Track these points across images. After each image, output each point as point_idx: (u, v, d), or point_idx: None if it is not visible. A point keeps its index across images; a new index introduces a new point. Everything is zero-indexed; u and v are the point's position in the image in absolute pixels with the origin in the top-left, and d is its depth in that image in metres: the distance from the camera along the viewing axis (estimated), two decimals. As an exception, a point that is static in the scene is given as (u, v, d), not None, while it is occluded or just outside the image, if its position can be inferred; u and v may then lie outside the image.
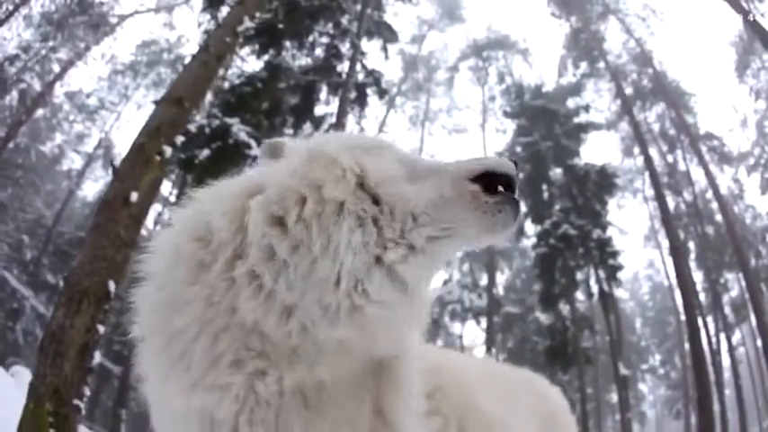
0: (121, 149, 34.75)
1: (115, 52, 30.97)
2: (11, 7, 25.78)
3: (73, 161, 33.53)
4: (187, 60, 30.26)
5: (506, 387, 1.97)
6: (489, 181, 1.38)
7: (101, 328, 7.22)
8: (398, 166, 1.41)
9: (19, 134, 27.00)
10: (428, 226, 1.32)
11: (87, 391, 7.23)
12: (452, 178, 1.37)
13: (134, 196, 7.49)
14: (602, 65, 27.79)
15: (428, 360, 1.63)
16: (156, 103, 8.89)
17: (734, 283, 30.54)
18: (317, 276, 1.23)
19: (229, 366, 1.24)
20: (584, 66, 28.78)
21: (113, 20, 29.50)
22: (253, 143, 13.54)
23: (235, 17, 10.02)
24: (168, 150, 8.15)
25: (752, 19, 19.70)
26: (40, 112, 29.41)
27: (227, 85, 16.03)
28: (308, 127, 17.29)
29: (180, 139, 9.17)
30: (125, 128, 33.19)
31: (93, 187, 35.10)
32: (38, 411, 6.22)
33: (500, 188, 1.39)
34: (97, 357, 7.56)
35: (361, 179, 1.35)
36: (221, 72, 19.68)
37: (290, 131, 17.63)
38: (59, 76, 28.52)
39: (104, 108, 31.93)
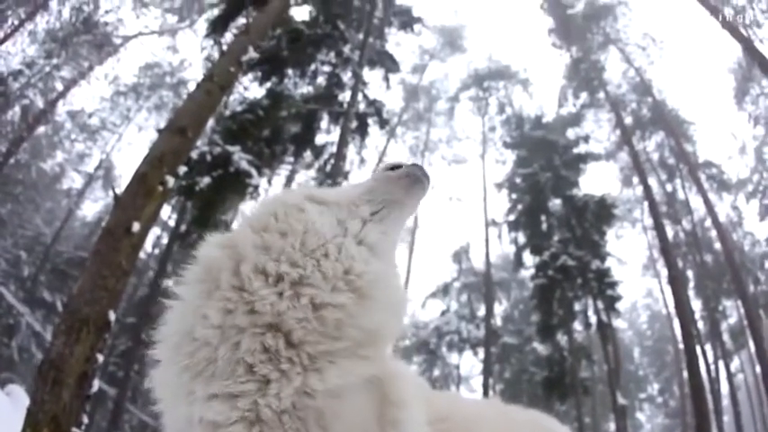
0: (122, 171, 34.85)
1: (118, 73, 31.08)
2: (16, 22, 25.97)
3: (73, 180, 33.55)
4: (190, 85, 30.74)
5: (523, 429, 1.99)
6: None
7: (100, 358, 7.18)
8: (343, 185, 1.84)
9: (20, 150, 27.03)
10: (368, 204, 1.72)
11: (85, 419, 7.13)
12: (376, 173, 1.84)
13: (136, 226, 7.45)
14: (601, 95, 27.93)
15: (436, 408, 1.66)
16: (159, 131, 8.74)
17: (732, 311, 30.52)
18: (309, 247, 1.52)
19: (245, 373, 1.36)
20: (584, 96, 28.91)
21: (117, 40, 29.65)
22: (254, 172, 13.60)
23: (239, 46, 9.93)
24: (171, 180, 8.08)
25: (752, 45, 19.82)
26: (41, 129, 29.46)
27: (228, 112, 16.06)
28: (308, 156, 17.38)
29: (182, 169, 9.20)
30: (126, 149, 33.26)
31: (92, 207, 35.10)
32: (37, 441, 6.23)
33: None
34: (95, 386, 7.28)
35: (311, 195, 1.74)
36: (223, 99, 19.80)
37: (291, 160, 17.71)
38: (62, 95, 28.61)
39: (106, 129, 31.93)
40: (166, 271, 20.66)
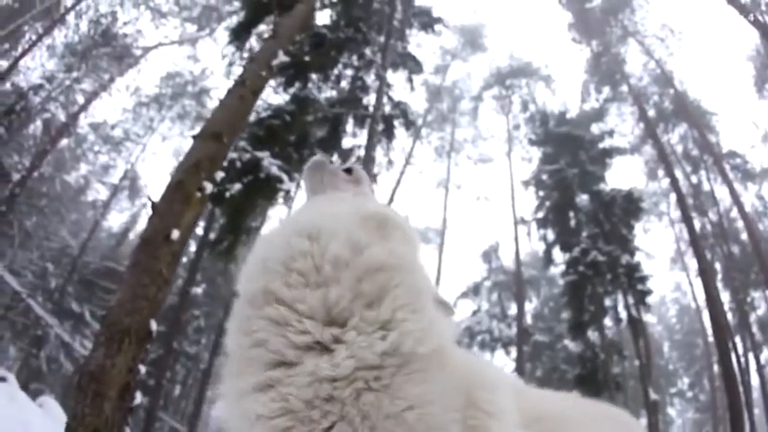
0: (147, 181, 35.29)
1: (139, 84, 31.40)
2: (34, 37, 26.28)
3: (98, 192, 33.91)
4: (212, 93, 30.90)
5: (606, 426, 1.95)
6: None
7: (142, 369, 7.00)
8: None
9: (43, 163, 27.31)
10: None
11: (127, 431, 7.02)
12: None
13: (175, 234, 7.29)
14: (624, 88, 27.77)
15: (528, 407, 1.59)
16: (194, 137, 8.59)
17: (760, 302, 30.24)
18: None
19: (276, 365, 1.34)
20: (606, 90, 28.79)
21: (137, 52, 29.94)
22: (285, 177, 13.63)
23: (268, 51, 9.79)
24: (209, 187, 7.92)
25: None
26: (64, 142, 29.79)
27: (253, 117, 16.12)
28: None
29: (220, 175, 9.20)
30: (150, 159, 33.61)
31: (118, 218, 35.48)
32: (79, 456, 6.11)
33: None
34: (138, 398, 7.10)
35: None
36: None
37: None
38: (84, 107, 28.92)
39: (129, 139, 32.26)
40: (195, 279, 20.78)
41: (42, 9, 25.71)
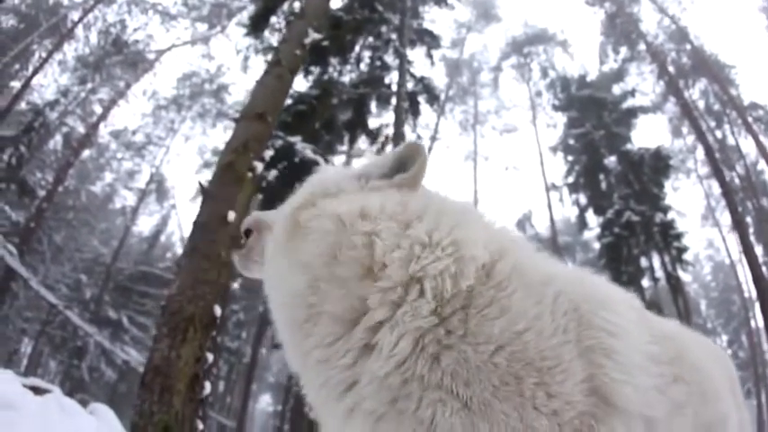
0: (174, 183, 35.51)
1: (156, 88, 31.65)
2: (44, 54, 26.48)
3: (125, 198, 34.20)
4: (231, 89, 30.87)
5: (708, 350, 1.87)
6: None
7: (210, 357, 6.88)
8: None
9: (67, 177, 27.56)
10: None
11: (200, 426, 6.74)
12: None
13: (231, 215, 7.20)
14: (641, 47, 27.48)
15: (651, 327, 1.48)
16: (236, 120, 8.66)
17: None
18: None
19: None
20: (623, 50, 28.49)
21: (151, 56, 30.08)
22: (321, 160, 13.69)
23: (300, 30, 9.81)
24: (260, 166, 7.95)
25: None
26: (86, 153, 30.04)
27: (279, 104, 16.15)
28: (363, 141, 17.44)
29: (269, 154, 9.13)
30: (175, 161, 33.78)
31: (148, 222, 35.80)
32: (148, 453, 5.75)
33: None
34: (208, 388, 6.87)
35: None
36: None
37: (344, 148, 17.81)
38: (103, 117, 29.15)
39: (152, 143, 32.48)
40: (232, 273, 20.83)
41: (49, 26, 25.92)
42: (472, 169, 34.99)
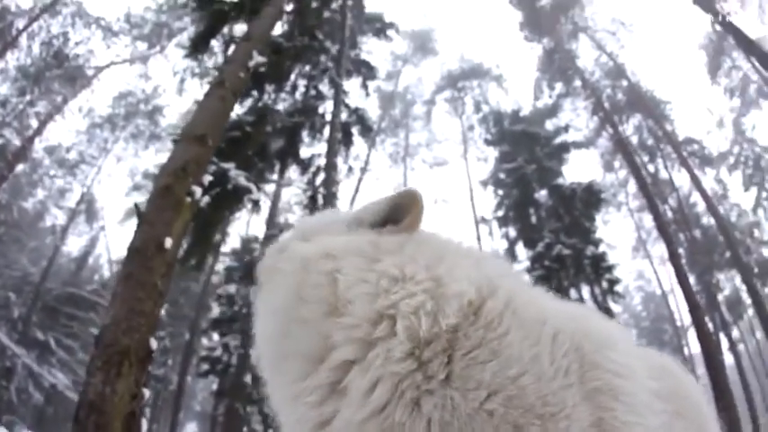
0: (103, 204, 34.76)
1: (92, 105, 30.99)
2: (-15, 61, 25.74)
3: (56, 217, 33.32)
4: (165, 111, 30.48)
5: (692, 380, 1.79)
6: None
7: (146, 393, 6.47)
8: None
9: (0, 191, 26.80)
10: None
11: None
12: None
13: (168, 242, 6.83)
14: (577, 83, 28.20)
15: (646, 359, 1.40)
16: (175, 141, 8.37)
17: (725, 283, 31.01)
18: None
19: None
20: (559, 86, 29.23)
21: (90, 72, 29.52)
22: (253, 187, 13.50)
23: (244, 52, 9.62)
24: (198, 191, 7.59)
25: (723, 18, 20.09)
26: (20, 167, 29.20)
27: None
28: (294, 170, 17.34)
29: (208, 179, 8.81)
30: (106, 182, 33.10)
31: (77, 242, 34.83)
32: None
33: None
34: (144, 427, 6.48)
35: None
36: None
37: (274, 177, 17.68)
38: (38, 131, 28.41)
39: (84, 162, 31.75)
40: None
41: (-6, 33, 25.28)
42: None
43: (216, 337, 20.80)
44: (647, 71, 49.45)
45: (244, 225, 24.97)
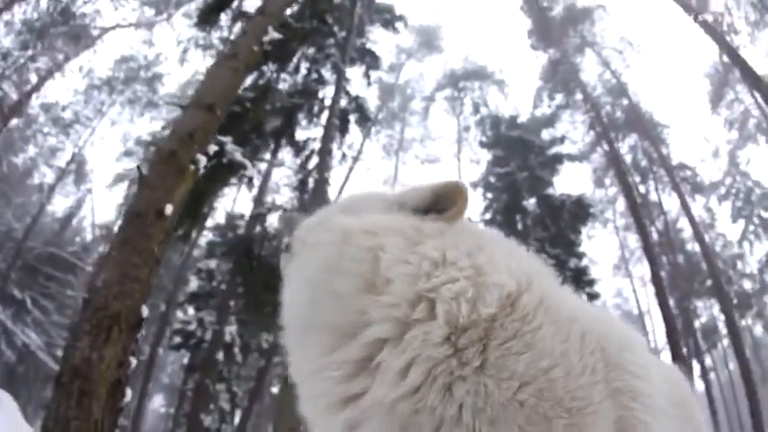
0: (94, 166, 34.51)
1: (93, 66, 30.72)
2: (-6, 10, 25.51)
3: (45, 175, 32.97)
4: (165, 79, 30.30)
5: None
6: None
7: (133, 361, 6.34)
8: None
9: (-7, 143, 26.63)
10: None
11: None
12: None
13: (169, 209, 6.70)
14: (578, 96, 28.29)
15: (662, 367, 1.48)
16: (183, 107, 8.19)
17: (702, 311, 31.28)
18: None
19: None
20: (559, 97, 29.32)
21: (94, 32, 29.28)
22: (248, 164, 13.46)
23: (259, 26, 9.47)
24: (203, 160, 7.46)
25: (732, 51, 20.24)
26: (14, 122, 28.97)
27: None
28: (287, 151, 17.33)
29: (213, 149, 8.70)
30: (98, 144, 32.89)
31: (62, 203, 34.55)
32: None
33: None
34: (129, 395, 6.24)
35: None
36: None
37: (268, 155, 17.67)
38: (37, 87, 28.18)
39: (79, 122, 31.44)
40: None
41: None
42: None
43: (191, 311, 20.69)
44: (649, 93, 49.98)
45: (230, 201, 24.82)
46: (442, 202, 1.47)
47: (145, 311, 6.33)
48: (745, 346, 22.81)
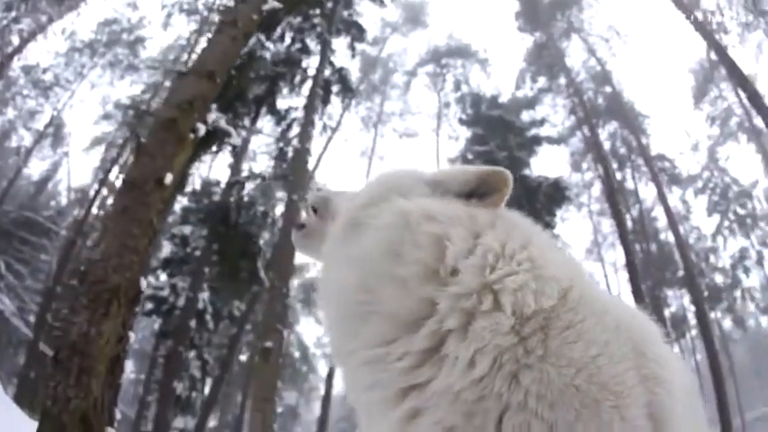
0: (72, 129, 34.03)
1: (76, 28, 30.20)
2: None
3: (23, 138, 32.50)
4: (147, 43, 29.90)
5: None
6: None
7: (132, 336, 6.21)
8: None
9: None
10: None
11: (118, 414, 5.94)
12: None
13: (168, 178, 6.54)
14: (561, 81, 28.40)
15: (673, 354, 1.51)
16: (182, 74, 8.14)
17: (672, 300, 31.72)
18: None
19: None
20: (542, 80, 29.43)
21: (79, -7, 28.78)
22: (233, 131, 13.39)
23: None
24: (202, 129, 7.36)
25: (721, 49, 20.41)
26: (-5, 83, 28.59)
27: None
28: (267, 120, 17.26)
29: (212, 118, 8.59)
30: (78, 107, 32.43)
31: (39, 166, 34.13)
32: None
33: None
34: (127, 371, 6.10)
35: None
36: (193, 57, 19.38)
37: (247, 123, 17.57)
38: (19, 49, 27.71)
39: (59, 85, 30.97)
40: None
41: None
42: (366, 166, 35.16)
43: (164, 277, 20.59)
44: (632, 83, 50.14)
45: (205, 168, 24.63)
46: (486, 188, 1.51)
47: (144, 284, 6.25)
48: (714, 339, 23.17)
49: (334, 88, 17.97)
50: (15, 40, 27.51)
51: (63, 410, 5.05)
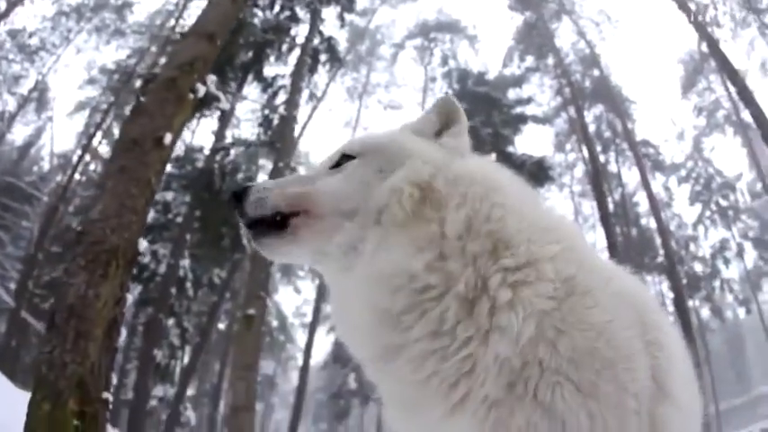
0: (56, 94, 33.59)
1: (65, -9, 29.79)
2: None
3: (7, 103, 32.01)
4: (135, 8, 29.50)
5: None
6: None
7: (129, 299, 6.15)
8: None
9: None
10: None
11: (114, 379, 5.82)
12: None
13: (168, 138, 6.37)
14: (549, 61, 28.41)
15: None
16: (183, 35, 8.06)
17: (651, 286, 32.00)
18: None
19: None
20: (530, 59, 29.43)
21: (69, -45, 28.40)
22: (222, 96, 13.32)
23: None
24: (202, 89, 7.20)
25: (713, 42, 20.55)
26: (-20, 49, 28.18)
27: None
28: (254, 87, 17.20)
29: (212, 79, 8.56)
30: (62, 71, 32.02)
31: (22, 131, 33.74)
32: (59, 414, 4.74)
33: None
34: (123, 335, 6.07)
35: None
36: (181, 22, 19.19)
37: (235, 89, 17.52)
38: (6, 14, 27.32)
39: (44, 49, 30.52)
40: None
41: None
42: (350, 137, 34.80)
43: (145, 243, 20.43)
44: (621, 68, 50.21)
45: (188, 133, 24.37)
46: (445, 120, 1.68)
47: (142, 245, 6.09)
48: (692, 327, 23.56)
49: (323, 57, 17.96)
50: (2, 5, 27.14)
51: (59, 376, 4.86)
